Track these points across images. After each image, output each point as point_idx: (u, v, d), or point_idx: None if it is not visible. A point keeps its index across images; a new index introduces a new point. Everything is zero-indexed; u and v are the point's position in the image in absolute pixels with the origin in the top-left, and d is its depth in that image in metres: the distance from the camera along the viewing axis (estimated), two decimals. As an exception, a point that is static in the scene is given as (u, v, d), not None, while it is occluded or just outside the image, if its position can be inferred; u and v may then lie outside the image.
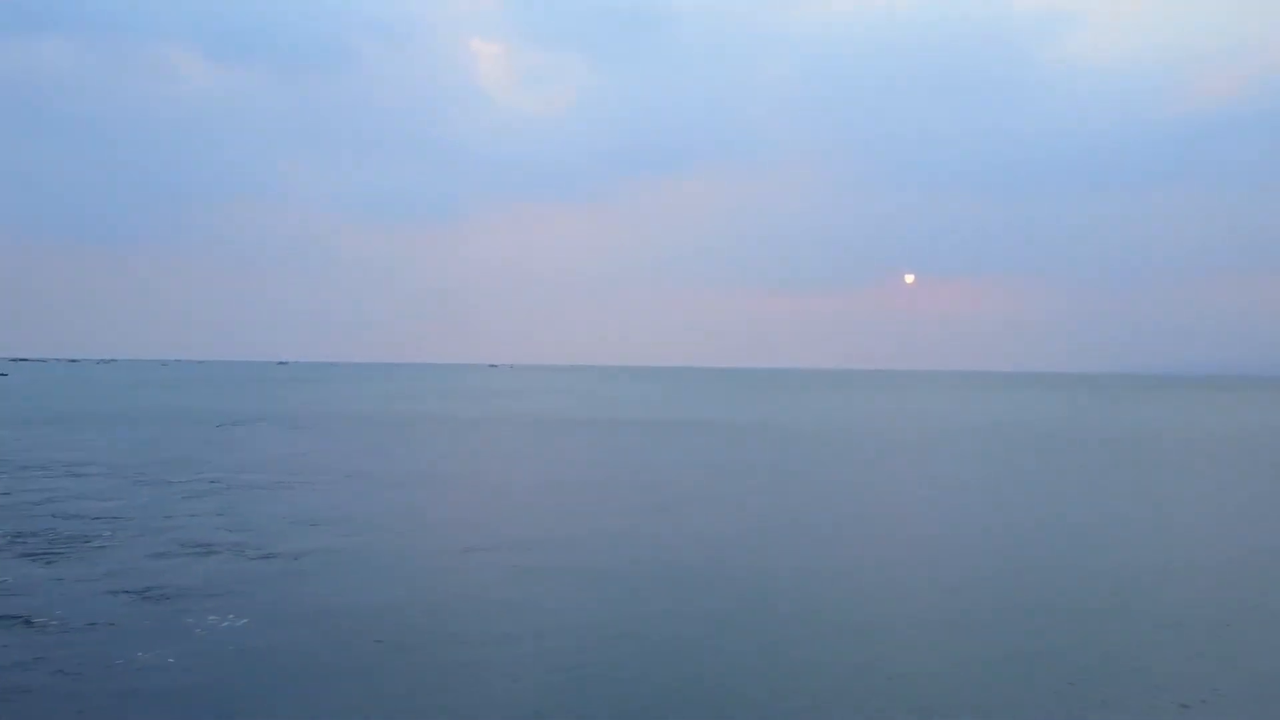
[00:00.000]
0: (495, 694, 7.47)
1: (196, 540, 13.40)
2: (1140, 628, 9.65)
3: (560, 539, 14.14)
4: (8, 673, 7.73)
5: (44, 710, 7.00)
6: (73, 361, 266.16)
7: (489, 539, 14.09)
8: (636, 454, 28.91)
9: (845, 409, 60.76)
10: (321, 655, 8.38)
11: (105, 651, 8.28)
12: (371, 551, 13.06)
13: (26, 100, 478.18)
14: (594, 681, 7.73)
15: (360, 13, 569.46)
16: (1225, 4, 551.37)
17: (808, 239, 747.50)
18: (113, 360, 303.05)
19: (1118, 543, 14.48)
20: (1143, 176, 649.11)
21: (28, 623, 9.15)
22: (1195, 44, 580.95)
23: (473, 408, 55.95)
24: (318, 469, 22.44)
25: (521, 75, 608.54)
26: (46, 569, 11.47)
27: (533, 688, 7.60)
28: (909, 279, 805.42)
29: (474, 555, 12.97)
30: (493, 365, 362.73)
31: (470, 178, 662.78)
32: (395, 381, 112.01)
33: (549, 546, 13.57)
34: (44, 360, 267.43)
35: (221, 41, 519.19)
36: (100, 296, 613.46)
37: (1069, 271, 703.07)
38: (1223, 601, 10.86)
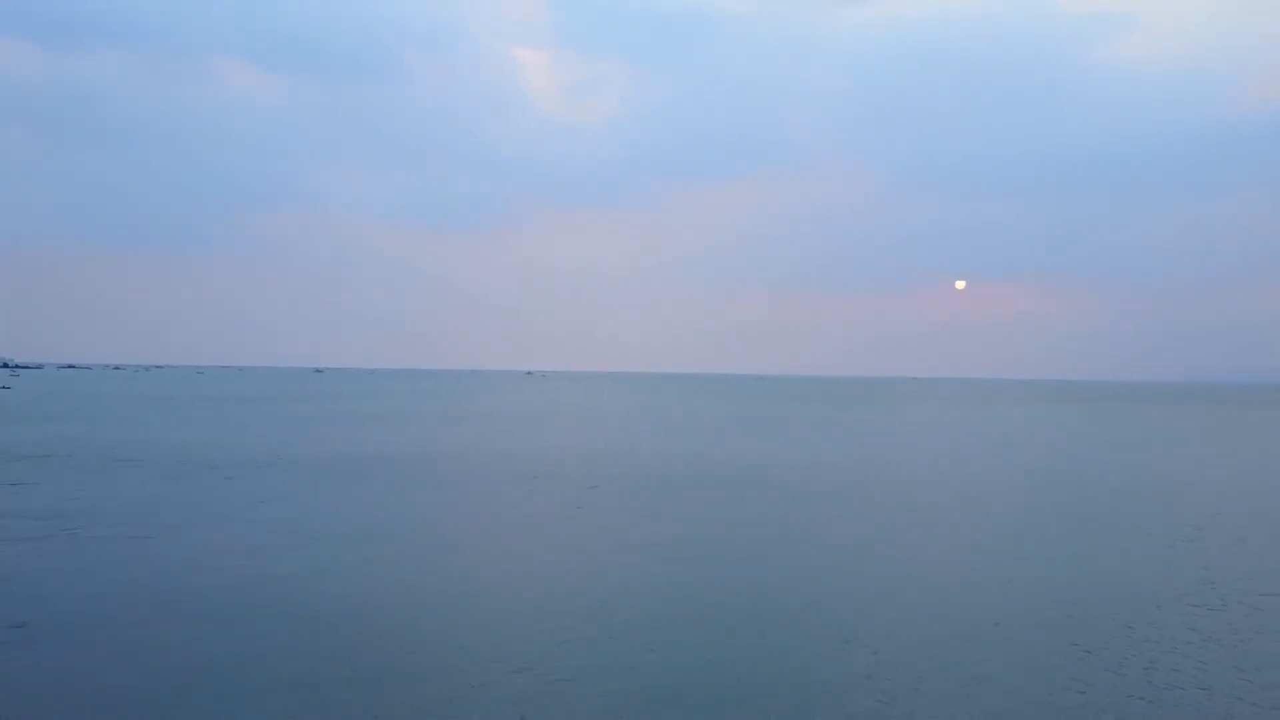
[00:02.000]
0: None
1: None
2: None
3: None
4: None
5: None
6: (117, 368, 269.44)
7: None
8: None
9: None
10: None
11: None
12: None
13: (75, 112, 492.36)
14: None
15: (406, 22, 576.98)
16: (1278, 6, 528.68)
17: (850, 244, 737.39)
18: (159, 367, 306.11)
19: None
20: (1195, 180, 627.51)
21: None
22: (1250, 47, 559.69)
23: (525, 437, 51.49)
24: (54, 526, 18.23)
25: (564, 83, 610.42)
26: None
27: None
28: (960, 285, 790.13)
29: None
30: (528, 372, 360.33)
31: (511, 184, 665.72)
32: (402, 397, 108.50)
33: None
34: (89, 367, 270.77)
35: (267, 50, 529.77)
36: (148, 303, 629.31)
37: (1124, 278, 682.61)
38: None
